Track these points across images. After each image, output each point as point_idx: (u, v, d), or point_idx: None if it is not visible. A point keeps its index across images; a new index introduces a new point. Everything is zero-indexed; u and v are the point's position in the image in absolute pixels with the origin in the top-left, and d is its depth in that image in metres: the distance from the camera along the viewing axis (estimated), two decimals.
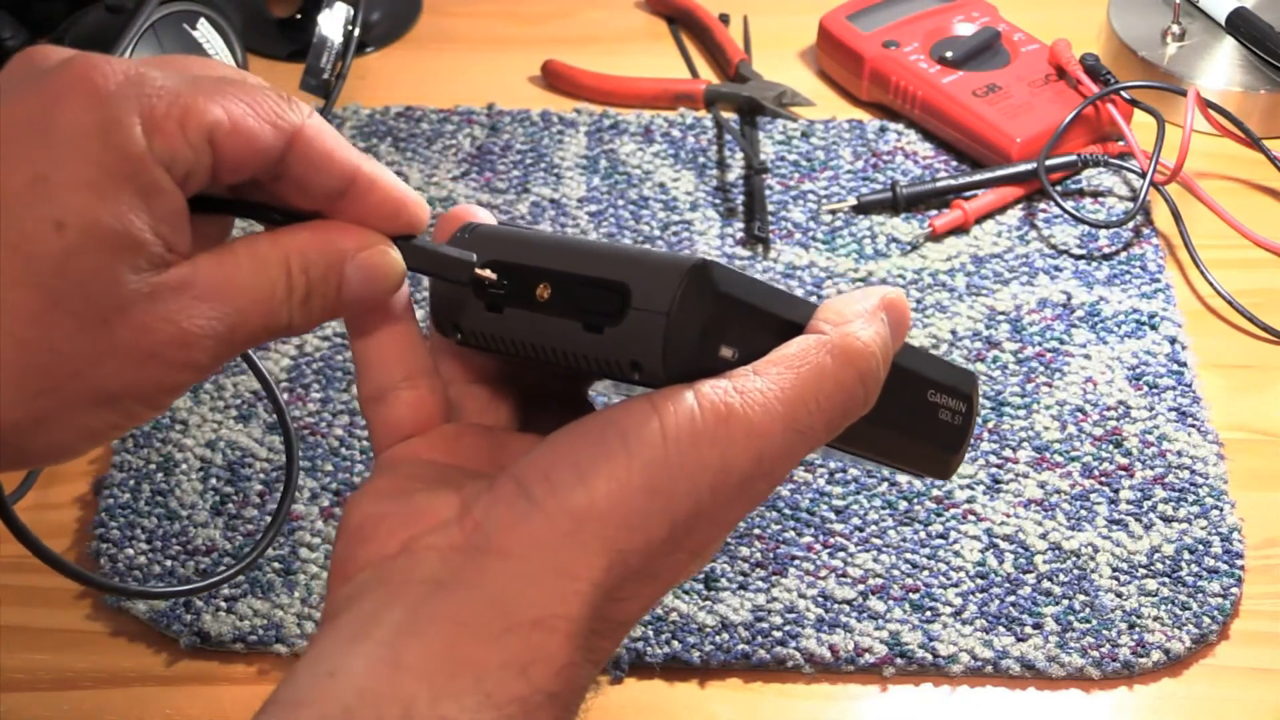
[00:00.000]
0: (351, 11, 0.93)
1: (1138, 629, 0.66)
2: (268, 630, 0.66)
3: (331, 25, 0.93)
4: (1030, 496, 0.72)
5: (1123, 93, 0.91)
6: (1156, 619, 0.67)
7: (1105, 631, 0.66)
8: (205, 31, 0.85)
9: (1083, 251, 0.85)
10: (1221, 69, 0.96)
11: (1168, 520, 0.71)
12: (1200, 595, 0.67)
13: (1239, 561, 0.69)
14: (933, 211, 0.88)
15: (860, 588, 0.68)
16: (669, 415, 0.40)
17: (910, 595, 0.68)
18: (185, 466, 0.73)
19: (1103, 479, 0.73)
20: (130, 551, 0.69)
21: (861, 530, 0.70)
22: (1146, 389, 0.77)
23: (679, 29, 1.05)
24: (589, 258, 0.43)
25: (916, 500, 0.72)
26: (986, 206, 0.88)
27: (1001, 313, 0.81)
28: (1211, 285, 0.84)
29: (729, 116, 0.95)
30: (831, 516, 0.71)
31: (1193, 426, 0.75)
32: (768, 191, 0.89)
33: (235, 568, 0.63)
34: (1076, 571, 0.69)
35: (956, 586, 0.68)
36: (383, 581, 0.41)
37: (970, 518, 0.71)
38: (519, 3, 1.07)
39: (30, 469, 0.72)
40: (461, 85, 0.98)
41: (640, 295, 0.41)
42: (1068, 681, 0.65)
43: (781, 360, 0.42)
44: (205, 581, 0.64)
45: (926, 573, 0.69)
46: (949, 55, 0.95)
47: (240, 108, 0.40)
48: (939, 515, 0.71)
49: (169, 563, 0.69)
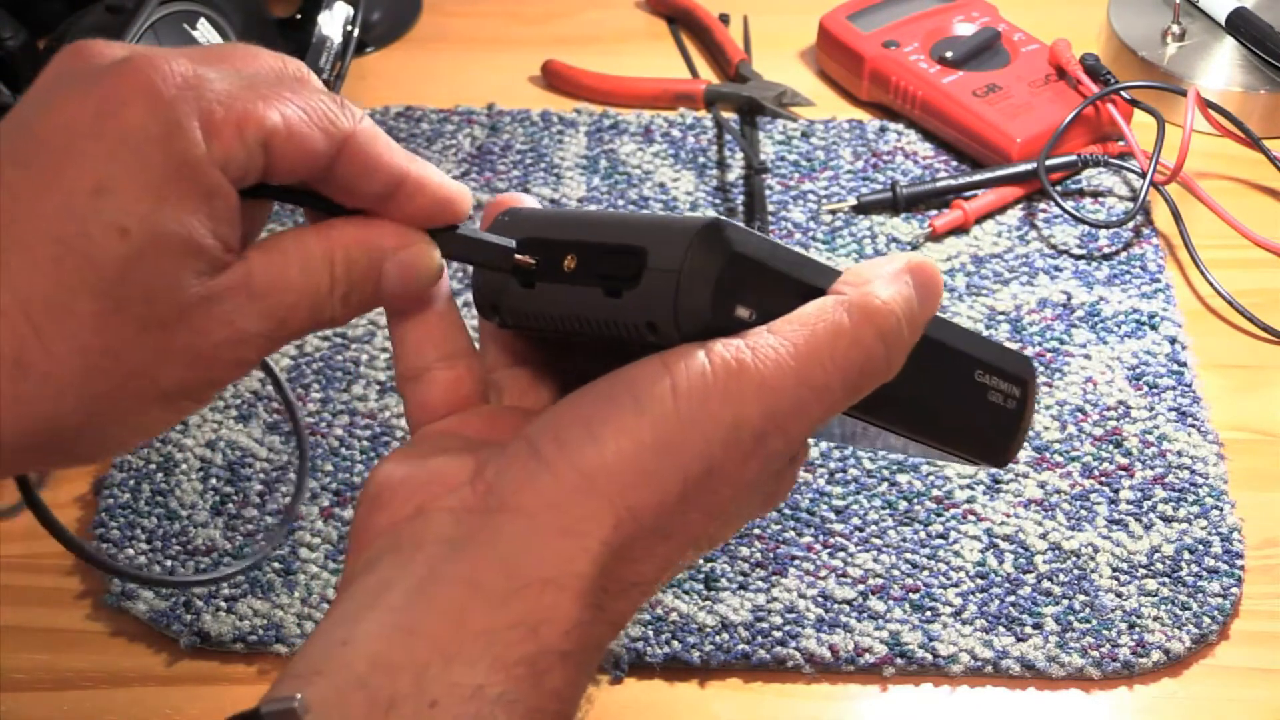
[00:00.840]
0: (351, 11, 0.93)
1: (1138, 629, 0.66)
2: (268, 630, 0.66)
3: (331, 25, 0.93)
4: (1030, 496, 0.72)
5: (1123, 93, 0.91)
6: (1156, 619, 0.67)
7: (1105, 631, 0.66)
8: (205, 31, 0.84)
9: (1083, 251, 0.85)
10: (1221, 69, 0.96)
11: (1168, 520, 0.71)
12: (1200, 595, 0.67)
13: (1239, 561, 0.69)
14: (933, 211, 0.88)
15: (860, 588, 0.68)
16: (680, 371, 0.40)
17: (910, 595, 0.68)
18: (185, 466, 0.73)
19: (1103, 479, 0.73)
20: (130, 551, 0.69)
21: (861, 530, 0.70)
22: (1146, 389, 0.77)
23: (679, 29, 1.05)
24: (614, 227, 0.44)
25: (916, 500, 0.72)
26: (986, 206, 0.88)
27: (1001, 313, 0.81)
28: (1211, 285, 0.84)
29: (729, 116, 0.95)
30: (831, 516, 0.71)
31: (1193, 426, 0.75)
32: (768, 191, 0.89)
33: (245, 562, 0.63)
34: (1076, 571, 0.69)
35: (956, 586, 0.68)
36: (397, 546, 0.41)
37: (970, 518, 0.71)
38: (519, 3, 1.07)
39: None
40: (461, 85, 0.98)
41: (655, 256, 0.41)
42: (1068, 681, 0.65)
43: (797, 318, 0.41)
44: (208, 576, 0.64)
45: (926, 573, 0.69)
46: (949, 55, 0.95)
47: (295, 113, 0.41)
48: (939, 515, 0.71)
49: (169, 563, 0.69)
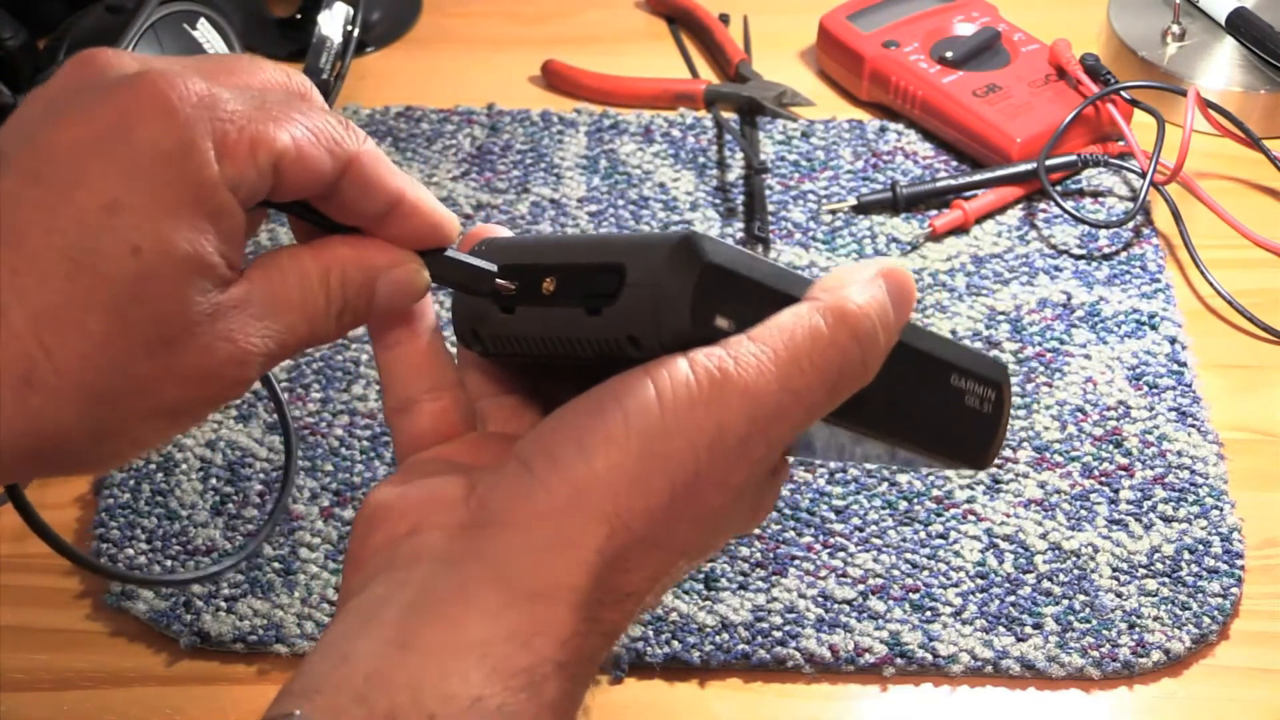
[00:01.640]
0: (351, 11, 0.93)
1: (1138, 629, 0.66)
2: (268, 630, 0.66)
3: (331, 25, 0.93)
4: (1030, 496, 0.72)
5: (1123, 93, 0.91)
6: (1156, 619, 0.66)
7: (1105, 631, 0.66)
8: (205, 31, 0.84)
9: (1083, 251, 0.85)
10: (1221, 69, 0.96)
11: (1168, 520, 0.71)
12: (1200, 595, 0.67)
13: (1239, 561, 0.69)
14: (933, 211, 0.88)
15: (860, 588, 0.68)
16: (664, 381, 0.41)
17: (910, 595, 0.68)
18: (185, 466, 0.73)
19: (1103, 479, 0.73)
20: (130, 551, 0.69)
21: (861, 530, 0.70)
22: (1146, 389, 0.77)
23: (679, 29, 1.05)
24: (590, 247, 0.45)
25: (916, 500, 0.72)
26: (986, 206, 0.88)
27: (1001, 313, 0.81)
28: (1211, 285, 0.84)
29: (729, 116, 0.95)
30: (831, 516, 0.71)
31: (1193, 426, 0.75)
32: (768, 191, 0.89)
33: (234, 559, 0.63)
34: (1076, 571, 0.69)
35: (956, 586, 0.68)
36: (392, 564, 0.42)
37: (970, 518, 0.71)
38: (519, 3, 1.07)
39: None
40: (461, 85, 0.98)
41: (633, 272, 0.42)
42: (1068, 681, 0.65)
43: (775, 325, 0.42)
44: (206, 570, 0.64)
45: (926, 573, 0.68)
46: (949, 55, 0.95)
47: (304, 134, 0.41)
48: (939, 515, 0.71)
49: (169, 562, 0.69)
